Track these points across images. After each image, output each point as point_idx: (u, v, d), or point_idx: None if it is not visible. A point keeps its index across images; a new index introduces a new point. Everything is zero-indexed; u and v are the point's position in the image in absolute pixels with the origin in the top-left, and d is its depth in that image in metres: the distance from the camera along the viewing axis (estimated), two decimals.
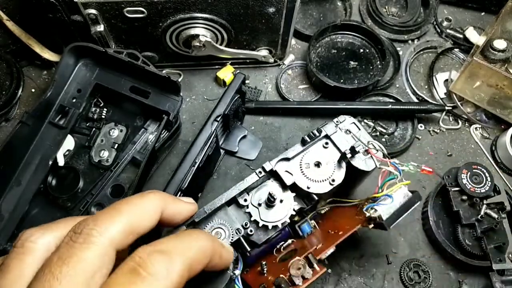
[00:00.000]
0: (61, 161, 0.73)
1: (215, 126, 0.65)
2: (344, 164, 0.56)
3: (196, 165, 0.61)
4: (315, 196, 0.56)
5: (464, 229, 0.73)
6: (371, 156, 0.56)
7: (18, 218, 0.68)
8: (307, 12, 0.98)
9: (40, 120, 0.72)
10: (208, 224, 0.51)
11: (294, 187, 0.55)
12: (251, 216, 0.53)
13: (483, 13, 0.99)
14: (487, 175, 0.74)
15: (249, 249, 0.53)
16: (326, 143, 0.57)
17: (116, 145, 0.75)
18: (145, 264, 0.32)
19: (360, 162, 0.56)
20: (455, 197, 0.74)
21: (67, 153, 0.74)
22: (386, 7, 0.99)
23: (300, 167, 0.55)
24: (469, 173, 0.74)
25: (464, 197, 0.73)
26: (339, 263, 0.74)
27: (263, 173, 0.54)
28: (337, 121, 0.58)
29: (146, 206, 0.38)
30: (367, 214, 0.54)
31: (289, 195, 0.55)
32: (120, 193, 0.73)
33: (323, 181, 0.55)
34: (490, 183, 0.73)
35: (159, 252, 0.33)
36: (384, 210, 0.53)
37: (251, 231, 0.53)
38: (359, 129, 0.58)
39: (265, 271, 0.56)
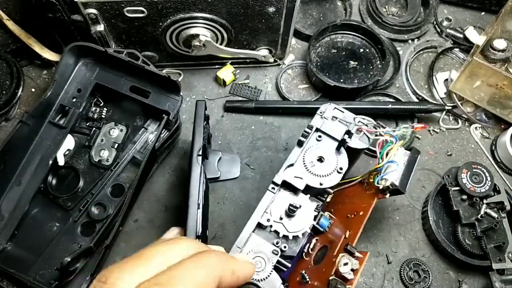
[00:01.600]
0: (61, 161, 0.73)
1: (201, 161, 0.62)
2: (342, 149, 0.57)
3: (201, 207, 0.59)
4: (330, 190, 0.56)
5: (464, 228, 0.73)
6: (364, 133, 0.57)
7: (18, 218, 0.68)
8: (307, 12, 0.98)
9: (40, 120, 0.72)
10: None
11: (306, 189, 0.55)
12: (278, 233, 0.52)
13: (483, 13, 0.99)
14: (487, 174, 0.74)
15: (289, 265, 0.51)
16: (319, 136, 0.58)
17: (116, 144, 0.75)
18: None
19: (356, 142, 0.57)
20: (455, 196, 0.74)
21: (67, 152, 0.74)
22: (386, 7, 0.99)
23: (306, 167, 0.55)
24: (469, 172, 0.74)
25: (464, 197, 0.73)
26: None
27: (276, 188, 0.54)
28: (320, 112, 0.59)
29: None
30: (380, 186, 0.56)
31: (304, 197, 0.55)
32: (120, 192, 0.73)
33: (331, 173, 0.55)
34: (490, 182, 0.73)
35: (156, 285, 0.32)
36: (393, 176, 0.55)
37: (285, 247, 0.51)
38: (343, 111, 0.59)
39: (307, 279, 0.55)
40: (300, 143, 0.57)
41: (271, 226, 0.52)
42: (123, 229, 0.73)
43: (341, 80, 0.87)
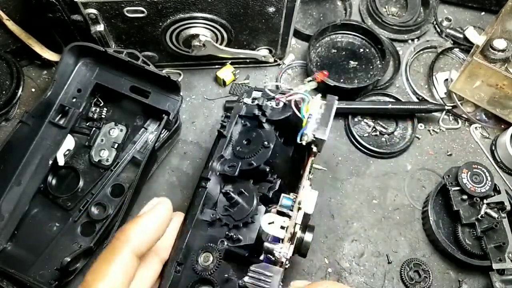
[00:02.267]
0: (61, 161, 0.73)
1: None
2: (267, 125, 0.56)
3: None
4: (266, 168, 0.54)
5: (464, 228, 0.73)
6: (278, 101, 0.57)
7: (18, 218, 0.68)
8: (307, 12, 0.98)
9: (40, 120, 0.72)
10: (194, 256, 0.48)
11: (244, 175, 0.53)
12: (227, 224, 0.50)
13: (483, 13, 0.99)
14: (487, 174, 0.74)
15: (246, 254, 0.50)
16: (244, 122, 0.58)
17: (116, 144, 0.75)
18: None
19: (277, 113, 0.56)
20: (455, 196, 0.74)
21: (67, 152, 0.74)
22: (386, 7, 0.99)
23: (235, 154, 0.55)
24: (469, 172, 0.74)
25: (464, 197, 0.73)
26: (339, 262, 0.74)
27: (207, 182, 0.52)
28: (240, 100, 0.59)
29: None
30: (304, 143, 0.55)
31: (246, 184, 0.53)
32: (120, 192, 0.73)
33: (259, 151, 0.54)
34: (490, 182, 0.73)
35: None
36: (311, 128, 0.55)
37: (235, 236, 0.50)
38: (261, 90, 0.59)
39: None
40: (220, 134, 0.56)
41: (219, 219, 0.51)
42: None
43: (341, 80, 0.87)
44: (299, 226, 0.51)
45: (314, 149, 0.57)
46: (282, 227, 0.48)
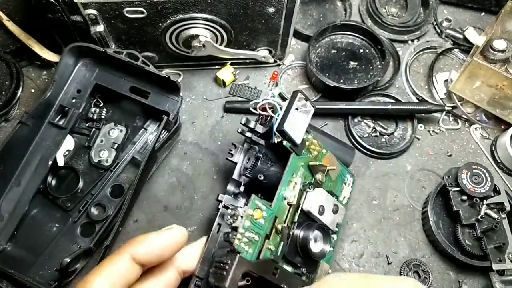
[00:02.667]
0: (61, 161, 0.73)
1: None
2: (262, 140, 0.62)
3: None
4: (257, 176, 0.58)
5: (464, 229, 0.73)
6: (261, 116, 0.61)
7: (18, 218, 0.68)
8: (307, 12, 0.98)
9: (39, 121, 0.72)
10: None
11: (248, 189, 0.60)
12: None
13: (483, 13, 0.99)
14: (487, 175, 0.74)
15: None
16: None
17: (116, 145, 0.75)
18: None
19: (261, 128, 0.60)
20: (455, 197, 0.74)
21: (66, 153, 0.74)
22: (386, 7, 0.99)
23: (240, 173, 0.62)
24: (469, 173, 0.74)
25: (464, 197, 0.73)
26: (339, 263, 0.74)
27: (219, 204, 0.59)
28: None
29: None
30: (276, 141, 0.56)
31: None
32: (120, 193, 0.73)
33: (253, 162, 0.59)
34: (490, 183, 0.73)
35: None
36: (276, 126, 0.56)
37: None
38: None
39: None
40: (231, 161, 0.64)
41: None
42: (123, 230, 0.73)
43: (341, 81, 0.87)
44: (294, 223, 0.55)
45: (287, 145, 0.57)
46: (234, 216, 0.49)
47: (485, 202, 0.72)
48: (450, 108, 0.86)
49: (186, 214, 0.76)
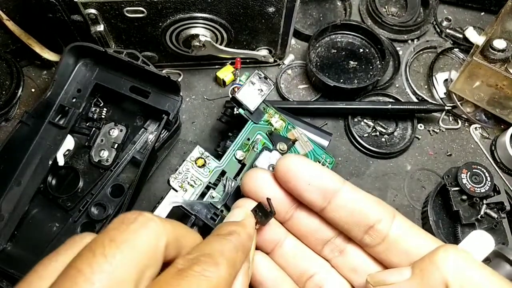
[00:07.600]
0: (61, 161, 0.73)
1: None
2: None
3: None
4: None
5: (464, 229, 0.73)
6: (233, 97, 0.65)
7: (18, 218, 0.68)
8: (307, 12, 0.98)
9: (40, 120, 0.72)
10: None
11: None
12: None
13: (483, 13, 0.99)
14: (487, 175, 0.74)
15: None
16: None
17: (116, 145, 0.75)
18: (191, 266, 0.32)
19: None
20: (454, 197, 0.74)
21: (67, 153, 0.74)
22: (386, 7, 0.99)
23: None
24: (469, 173, 0.74)
25: (464, 197, 0.73)
26: None
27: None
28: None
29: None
30: (235, 112, 0.64)
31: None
32: (120, 193, 0.73)
33: None
34: (490, 183, 0.73)
35: (203, 255, 0.33)
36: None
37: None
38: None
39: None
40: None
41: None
42: None
43: (341, 80, 0.87)
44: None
45: (241, 112, 0.64)
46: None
47: (485, 201, 0.73)
48: (450, 108, 0.86)
49: None
